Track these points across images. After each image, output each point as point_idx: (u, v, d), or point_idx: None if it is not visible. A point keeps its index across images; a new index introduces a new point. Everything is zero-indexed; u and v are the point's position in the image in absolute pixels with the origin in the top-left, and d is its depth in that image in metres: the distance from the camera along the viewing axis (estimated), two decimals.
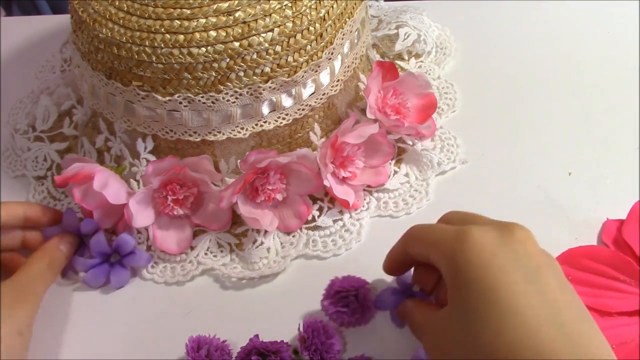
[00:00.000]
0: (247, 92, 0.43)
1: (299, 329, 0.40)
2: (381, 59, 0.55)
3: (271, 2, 0.42)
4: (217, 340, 0.40)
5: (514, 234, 0.32)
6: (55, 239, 0.44)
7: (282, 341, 0.40)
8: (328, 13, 0.44)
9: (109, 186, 0.44)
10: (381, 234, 0.47)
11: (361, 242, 0.47)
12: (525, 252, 0.31)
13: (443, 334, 0.32)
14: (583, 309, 0.31)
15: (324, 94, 0.46)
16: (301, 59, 0.43)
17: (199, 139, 0.45)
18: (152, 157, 0.46)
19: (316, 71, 0.44)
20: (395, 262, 0.39)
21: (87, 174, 0.44)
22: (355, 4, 0.47)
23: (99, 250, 0.45)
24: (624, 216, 0.45)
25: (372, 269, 0.45)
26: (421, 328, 0.36)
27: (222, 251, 0.46)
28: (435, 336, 0.33)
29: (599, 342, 0.29)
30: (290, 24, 0.42)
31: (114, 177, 0.45)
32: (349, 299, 0.41)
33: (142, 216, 0.45)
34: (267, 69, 0.42)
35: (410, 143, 0.50)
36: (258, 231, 0.46)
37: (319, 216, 0.47)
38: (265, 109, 0.44)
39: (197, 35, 0.41)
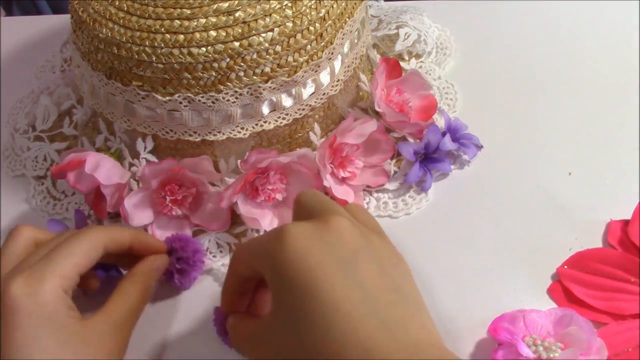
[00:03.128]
0: (247, 92, 0.43)
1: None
2: None
3: (271, 2, 0.42)
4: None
5: (328, 224, 0.31)
6: (148, 260, 0.40)
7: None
8: (328, 13, 0.44)
9: (101, 167, 0.44)
10: None
11: None
12: (340, 241, 0.30)
13: (266, 342, 0.31)
14: (402, 287, 0.30)
15: (324, 94, 0.46)
16: (301, 59, 0.43)
17: (199, 139, 0.45)
18: (151, 157, 0.46)
19: (316, 71, 0.44)
20: (233, 293, 0.37)
21: (80, 159, 0.44)
22: (355, 4, 0.47)
23: None
24: (624, 216, 0.45)
25: None
26: (244, 340, 0.34)
27: (221, 251, 0.46)
28: (256, 345, 0.32)
29: (418, 322, 0.29)
30: (290, 24, 0.42)
31: (107, 159, 0.45)
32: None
33: (139, 216, 0.45)
34: (267, 69, 0.42)
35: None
36: (257, 231, 0.46)
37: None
38: (265, 109, 0.44)
39: (197, 35, 0.41)
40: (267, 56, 0.42)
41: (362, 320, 0.28)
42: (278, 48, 0.42)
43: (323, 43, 0.44)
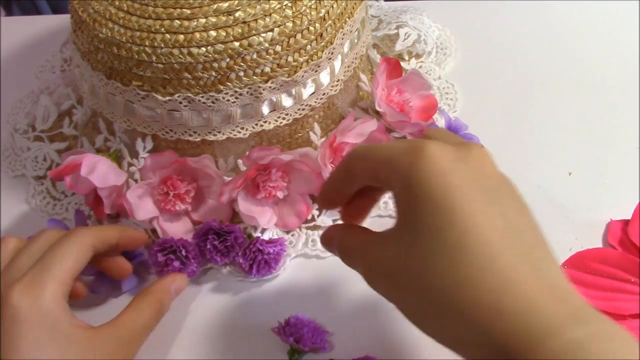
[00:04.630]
0: (247, 92, 0.43)
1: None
2: None
3: (271, 2, 0.42)
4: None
5: (471, 151, 0.29)
6: (168, 279, 0.41)
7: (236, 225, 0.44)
8: (328, 13, 0.44)
9: (96, 170, 0.44)
10: None
11: None
12: (484, 171, 0.29)
13: (387, 257, 0.29)
14: (540, 233, 0.28)
15: (324, 93, 0.46)
16: (301, 59, 0.43)
17: (199, 139, 0.45)
18: None
19: (316, 71, 0.44)
20: (335, 189, 0.34)
21: (76, 163, 0.44)
22: (355, 4, 0.47)
23: None
24: (624, 216, 0.45)
25: None
26: (356, 252, 0.32)
27: None
28: (376, 260, 0.30)
29: (557, 268, 0.27)
30: (290, 24, 0.42)
31: (103, 161, 0.45)
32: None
33: (144, 209, 0.45)
34: (267, 69, 0.42)
35: None
36: (255, 228, 0.46)
37: (318, 215, 0.47)
38: (265, 109, 0.44)
39: (197, 35, 0.41)
40: (267, 56, 0.42)
41: (504, 250, 0.26)
42: (278, 48, 0.42)
43: (323, 43, 0.44)
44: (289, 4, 0.42)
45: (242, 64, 0.42)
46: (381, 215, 0.48)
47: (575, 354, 0.23)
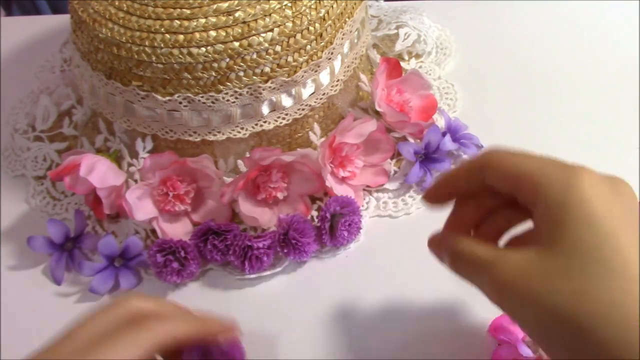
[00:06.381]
0: (247, 92, 0.43)
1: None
2: None
3: (271, 2, 0.42)
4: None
5: (622, 187, 0.29)
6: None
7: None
8: (328, 13, 0.44)
9: (95, 171, 0.44)
10: (380, 234, 0.47)
11: (360, 242, 0.46)
12: (636, 209, 0.28)
13: (529, 273, 0.28)
14: None
15: (323, 93, 0.46)
16: (301, 59, 0.43)
17: (199, 139, 0.45)
18: None
19: (316, 71, 0.44)
20: (453, 185, 0.34)
21: (75, 163, 0.44)
22: (355, 4, 0.47)
23: (108, 252, 0.45)
24: None
25: (370, 270, 0.45)
26: (484, 264, 0.30)
27: None
28: (515, 275, 0.28)
29: None
30: (290, 24, 0.42)
31: (102, 161, 0.45)
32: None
33: (143, 210, 0.45)
34: (267, 69, 0.42)
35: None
36: (255, 229, 0.46)
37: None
38: (265, 109, 0.44)
39: (197, 35, 0.41)
40: (267, 56, 0.42)
41: None
42: (278, 48, 0.42)
43: (323, 43, 0.44)
44: (289, 4, 0.42)
45: (242, 64, 0.42)
46: (380, 216, 0.48)
47: None
